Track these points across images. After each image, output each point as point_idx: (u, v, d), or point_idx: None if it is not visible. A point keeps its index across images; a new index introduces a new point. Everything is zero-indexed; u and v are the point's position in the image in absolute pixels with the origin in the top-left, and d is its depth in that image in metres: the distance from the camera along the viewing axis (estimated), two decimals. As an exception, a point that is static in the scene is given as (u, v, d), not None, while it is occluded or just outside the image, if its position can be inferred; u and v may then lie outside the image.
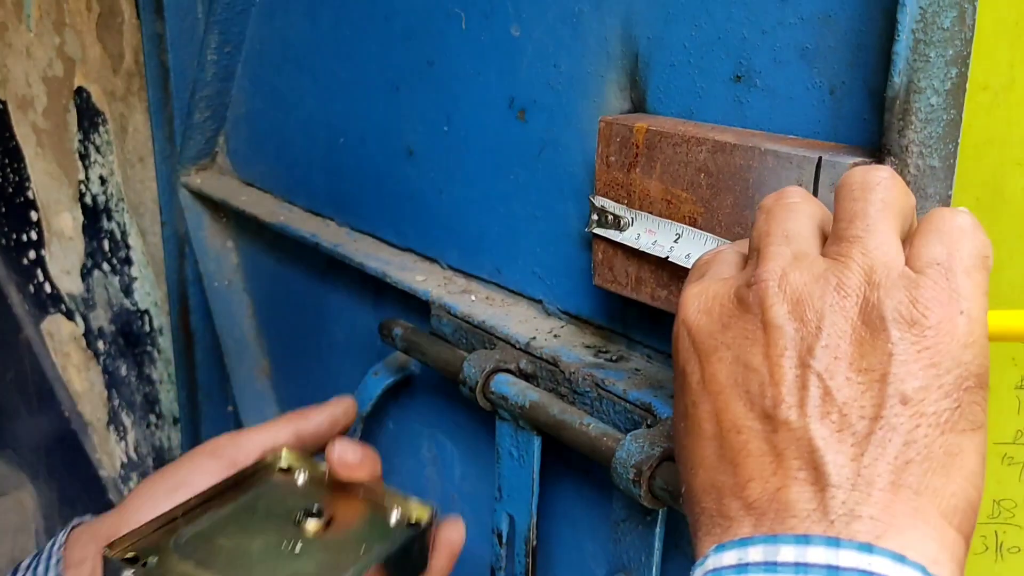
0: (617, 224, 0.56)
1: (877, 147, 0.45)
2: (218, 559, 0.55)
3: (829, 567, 0.31)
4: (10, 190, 1.65)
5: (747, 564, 0.33)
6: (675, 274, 0.55)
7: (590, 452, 0.59)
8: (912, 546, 0.32)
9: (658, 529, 0.59)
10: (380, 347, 0.84)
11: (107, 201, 1.45)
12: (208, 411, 1.20)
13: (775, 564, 0.32)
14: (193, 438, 1.23)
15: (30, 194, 1.62)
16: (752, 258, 0.39)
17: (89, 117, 1.43)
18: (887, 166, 0.40)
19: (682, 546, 0.62)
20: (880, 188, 0.37)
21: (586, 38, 0.62)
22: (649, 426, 0.57)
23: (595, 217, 0.58)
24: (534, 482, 0.66)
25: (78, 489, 1.73)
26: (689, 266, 0.52)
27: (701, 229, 0.52)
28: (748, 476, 0.35)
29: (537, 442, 0.65)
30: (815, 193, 0.46)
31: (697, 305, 0.39)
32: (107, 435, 1.63)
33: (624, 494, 0.59)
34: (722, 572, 0.34)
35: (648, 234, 0.54)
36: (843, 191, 0.38)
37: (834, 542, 0.32)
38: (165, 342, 1.43)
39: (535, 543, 0.67)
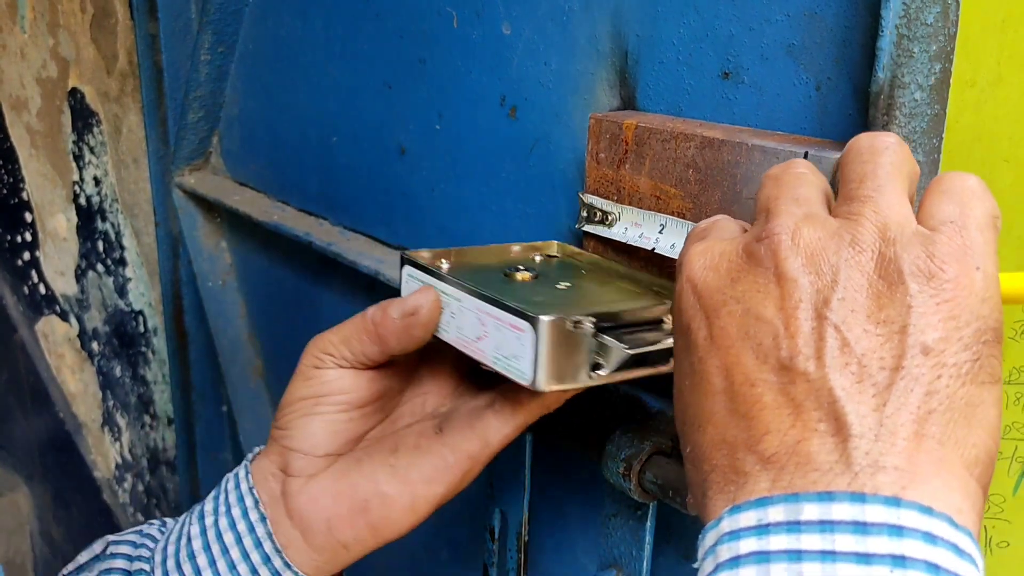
0: (605, 220, 0.56)
1: (862, 142, 0.46)
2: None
3: (856, 523, 0.30)
4: (4, 191, 1.65)
5: (768, 524, 0.31)
6: (664, 269, 0.55)
7: (581, 447, 0.59)
8: (938, 496, 0.31)
9: (649, 523, 0.59)
10: (373, 345, 0.84)
11: (101, 202, 1.45)
12: (202, 412, 1.20)
13: (798, 523, 0.31)
14: (187, 439, 1.23)
15: (24, 195, 1.62)
16: (760, 218, 0.38)
17: (83, 118, 1.43)
18: (893, 132, 0.39)
19: (673, 541, 0.62)
20: (889, 152, 0.37)
21: (576, 36, 0.62)
22: (639, 420, 0.58)
23: (584, 214, 0.58)
24: (526, 479, 0.66)
25: (72, 490, 1.73)
26: (675, 256, 0.52)
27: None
28: (764, 429, 0.34)
29: (528, 438, 0.65)
30: (801, 188, 0.47)
31: (703, 262, 0.38)
32: (101, 436, 1.63)
33: (615, 488, 0.59)
34: (740, 534, 0.32)
35: (634, 227, 0.54)
36: (850, 155, 0.38)
37: (859, 497, 0.31)
38: (159, 343, 1.43)
39: (527, 539, 0.67)
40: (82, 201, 1.49)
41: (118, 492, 1.63)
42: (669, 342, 0.47)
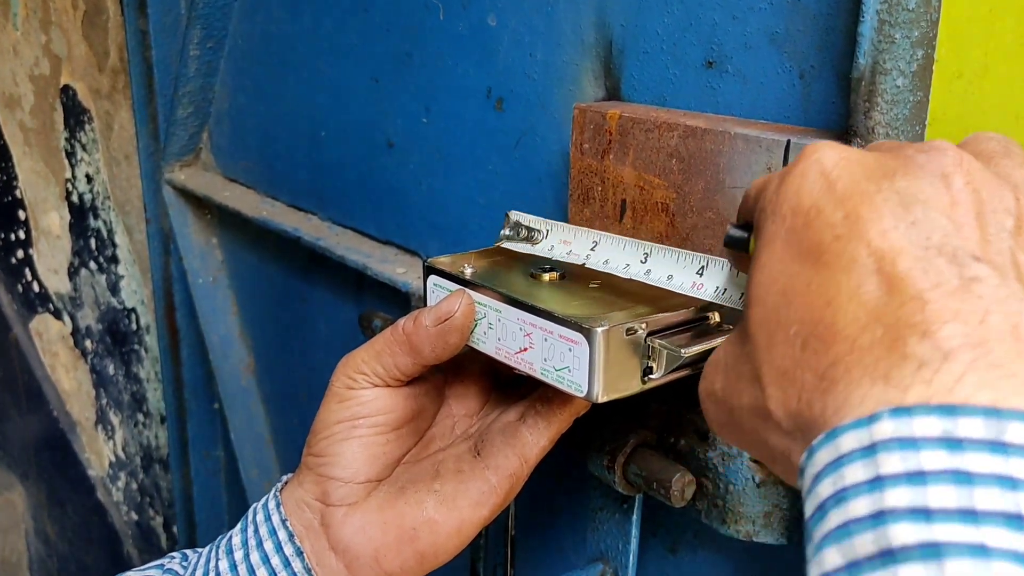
0: (530, 238, 0.54)
1: (844, 129, 0.45)
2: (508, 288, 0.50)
3: None
4: (-2, 189, 1.65)
5: (960, 440, 0.25)
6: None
7: (567, 440, 0.58)
8: None
9: (634, 516, 0.59)
10: (362, 340, 0.84)
11: (93, 199, 1.45)
12: (194, 409, 1.20)
13: (1003, 444, 0.24)
14: (180, 436, 1.23)
15: (18, 193, 1.62)
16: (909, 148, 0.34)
17: (75, 115, 1.42)
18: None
19: (659, 534, 0.62)
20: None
21: (561, 27, 0.62)
22: (623, 413, 0.57)
23: (507, 232, 0.56)
24: (513, 472, 0.66)
25: (67, 489, 1.73)
26: (607, 270, 0.50)
27: (673, 214, 0.52)
28: (945, 317, 0.27)
29: (515, 432, 0.65)
30: (784, 176, 0.47)
31: (842, 154, 0.32)
32: (95, 434, 1.62)
33: (600, 482, 0.59)
34: (920, 443, 0.25)
35: (562, 244, 0.52)
36: (986, 139, 0.35)
37: None
38: (152, 340, 1.43)
39: (514, 533, 0.67)
40: (74, 198, 1.49)
41: (112, 490, 1.63)
42: (717, 341, 0.45)
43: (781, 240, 0.32)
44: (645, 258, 0.48)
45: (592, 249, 0.50)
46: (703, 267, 0.45)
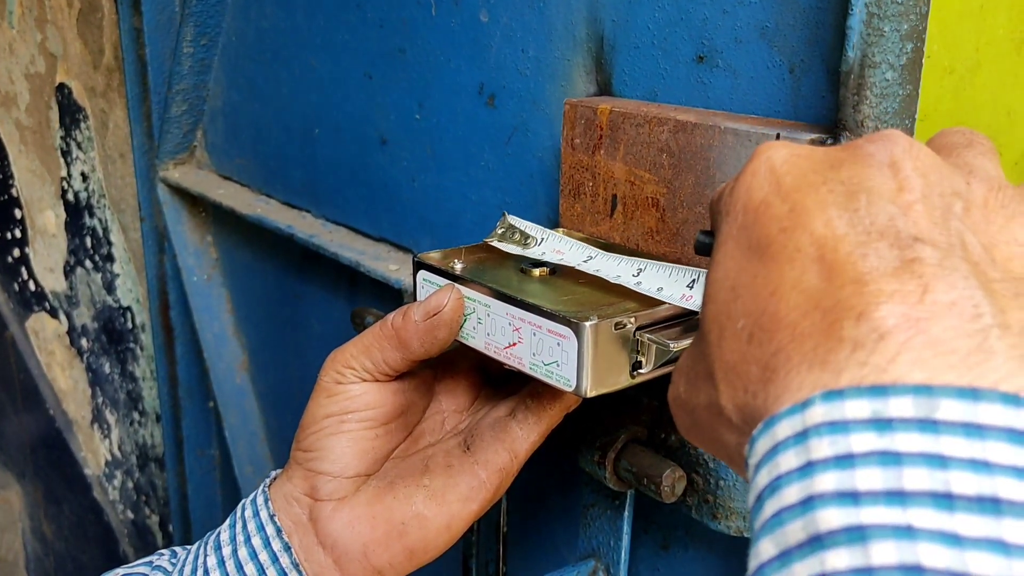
0: (523, 241, 0.54)
1: (834, 123, 0.45)
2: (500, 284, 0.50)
3: (1011, 431, 0.24)
4: (-7, 188, 1.65)
5: (891, 420, 0.24)
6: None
7: (558, 436, 0.58)
8: None
9: (626, 513, 0.59)
10: (355, 337, 0.84)
11: (89, 198, 1.45)
12: (189, 407, 1.20)
13: (935, 422, 0.24)
14: (175, 435, 1.22)
15: (14, 191, 1.62)
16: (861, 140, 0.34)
17: (71, 113, 1.42)
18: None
19: (651, 531, 0.62)
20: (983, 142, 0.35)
21: (553, 22, 0.62)
22: (614, 409, 0.57)
23: (500, 231, 0.55)
24: (505, 469, 0.65)
25: (64, 488, 1.73)
26: (598, 276, 0.50)
27: (664, 209, 0.52)
28: (882, 298, 0.27)
29: (507, 428, 0.64)
30: (774, 170, 0.46)
31: (791, 150, 0.32)
32: (91, 433, 1.62)
33: (592, 478, 0.59)
34: (850, 426, 0.24)
35: (555, 254, 0.52)
36: (947, 131, 0.35)
37: (1015, 400, 0.24)
38: (147, 339, 1.43)
39: (506, 529, 0.67)
40: (70, 197, 1.48)
41: (108, 489, 1.63)
42: None
43: (733, 238, 0.33)
44: (638, 272, 0.48)
45: (585, 262, 0.50)
46: (694, 280, 0.45)
